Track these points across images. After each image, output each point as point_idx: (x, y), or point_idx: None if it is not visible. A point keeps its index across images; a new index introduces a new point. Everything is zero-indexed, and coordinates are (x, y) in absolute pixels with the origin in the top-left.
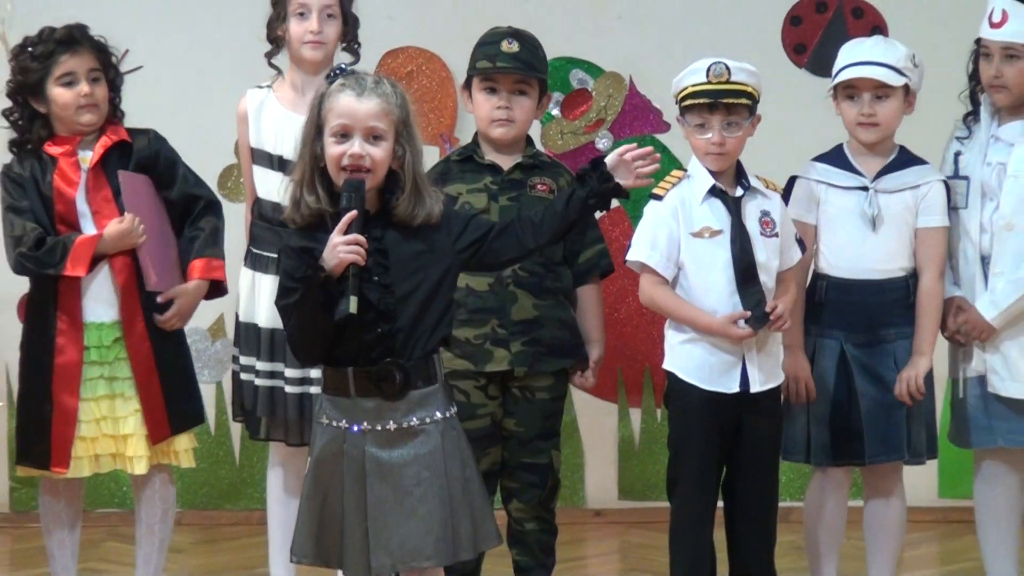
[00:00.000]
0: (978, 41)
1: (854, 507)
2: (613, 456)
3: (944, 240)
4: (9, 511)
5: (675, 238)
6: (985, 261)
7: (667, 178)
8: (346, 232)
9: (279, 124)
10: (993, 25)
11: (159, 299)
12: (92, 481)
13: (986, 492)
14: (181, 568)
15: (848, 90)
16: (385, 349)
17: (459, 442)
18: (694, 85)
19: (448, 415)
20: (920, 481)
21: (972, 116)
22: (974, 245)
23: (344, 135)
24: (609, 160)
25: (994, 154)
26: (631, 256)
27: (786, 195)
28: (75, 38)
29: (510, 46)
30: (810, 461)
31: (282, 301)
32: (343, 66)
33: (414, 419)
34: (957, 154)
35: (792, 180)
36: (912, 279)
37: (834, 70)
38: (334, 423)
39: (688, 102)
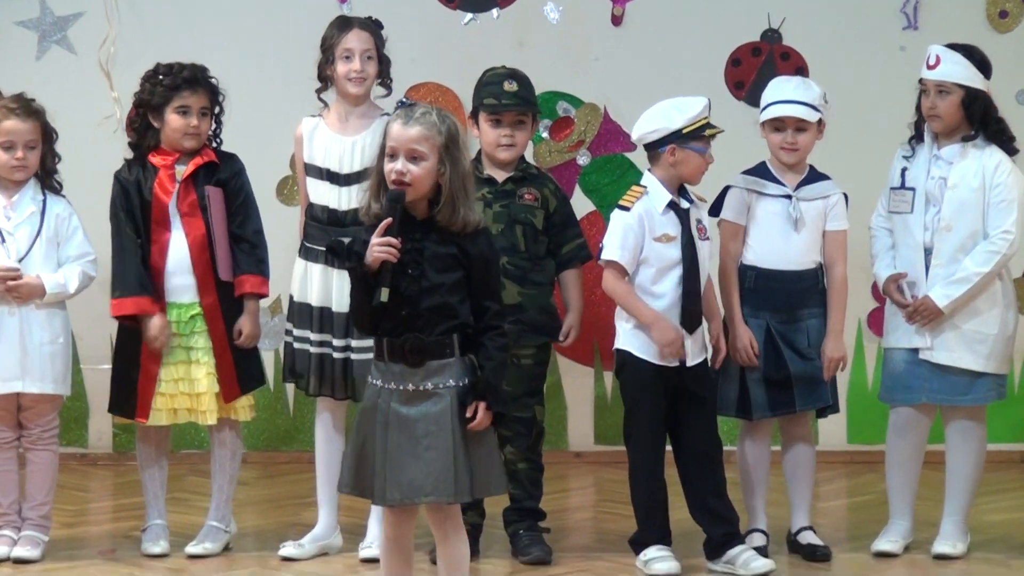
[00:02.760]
0: (921, 81)
1: (773, 450)
2: (590, 409)
3: (846, 240)
4: (112, 451)
5: (640, 242)
6: (927, 252)
7: (630, 193)
8: (384, 235)
9: (327, 145)
10: (929, 67)
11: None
12: (177, 428)
13: (897, 439)
14: (247, 497)
15: (775, 122)
16: (411, 326)
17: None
18: (705, 118)
19: (461, 384)
20: (833, 429)
21: (915, 139)
22: (916, 241)
23: (392, 155)
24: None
25: (936, 170)
26: (604, 255)
27: (719, 201)
28: (197, 79)
29: (511, 86)
30: (750, 417)
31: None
32: (404, 100)
33: (429, 384)
34: (904, 170)
35: (726, 189)
36: (820, 271)
37: (763, 102)
38: (375, 382)
39: (709, 131)
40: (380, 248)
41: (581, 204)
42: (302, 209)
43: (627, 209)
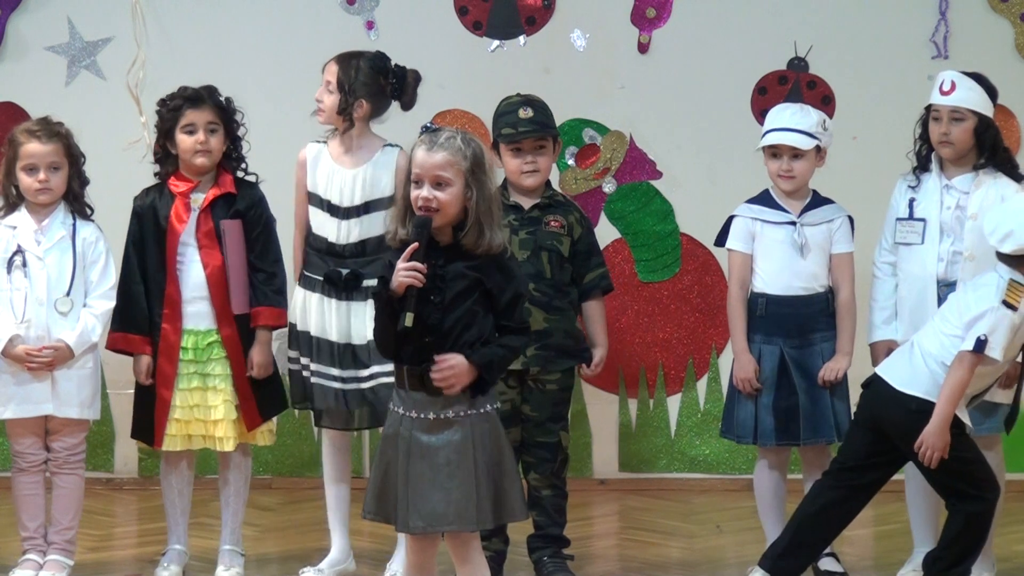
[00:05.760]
0: (928, 107)
1: (795, 479)
2: (614, 437)
3: (852, 262)
4: (138, 476)
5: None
6: (939, 283)
7: (1015, 291)
8: (410, 260)
9: (330, 175)
10: (943, 93)
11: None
12: (202, 454)
13: (916, 471)
14: (271, 523)
15: (772, 149)
16: (431, 354)
17: (492, 434)
18: None
19: (482, 411)
20: None
21: (919, 169)
22: (928, 272)
23: (418, 182)
24: None
25: (949, 199)
26: (987, 351)
27: (724, 232)
28: (200, 96)
29: (526, 112)
30: (757, 443)
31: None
32: (428, 125)
33: (450, 412)
34: (912, 200)
35: (730, 219)
36: (830, 294)
37: (762, 132)
38: (396, 410)
39: None
40: (406, 273)
41: (606, 232)
42: (298, 234)
43: (1014, 308)
